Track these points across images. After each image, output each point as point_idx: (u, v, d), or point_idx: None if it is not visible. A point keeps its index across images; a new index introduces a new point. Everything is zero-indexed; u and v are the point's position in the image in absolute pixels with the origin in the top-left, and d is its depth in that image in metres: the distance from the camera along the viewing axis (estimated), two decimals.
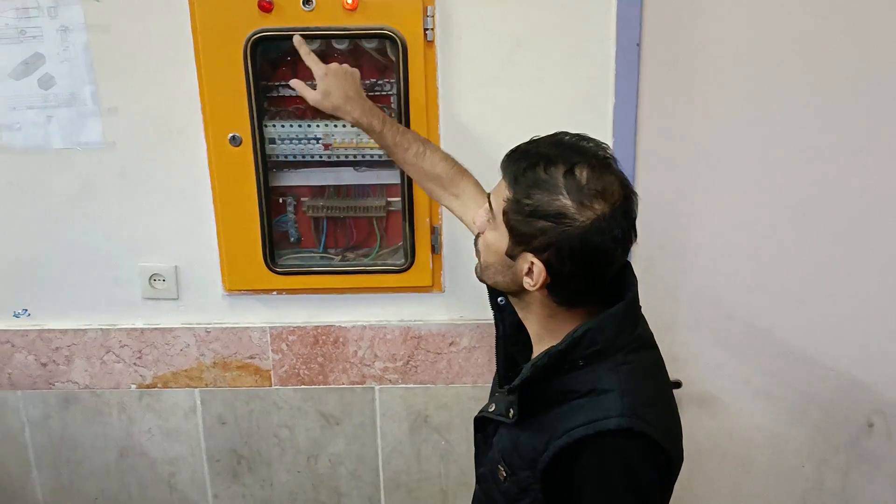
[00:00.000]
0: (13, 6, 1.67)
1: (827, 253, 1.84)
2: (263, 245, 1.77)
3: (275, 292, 1.84)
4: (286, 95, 1.73)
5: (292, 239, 1.84)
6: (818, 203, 1.81)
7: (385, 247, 1.84)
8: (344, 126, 1.73)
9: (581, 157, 1.07)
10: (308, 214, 1.82)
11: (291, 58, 1.62)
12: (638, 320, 1.19)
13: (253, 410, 1.93)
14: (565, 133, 1.13)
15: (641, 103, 1.71)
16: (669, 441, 1.12)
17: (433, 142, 1.69)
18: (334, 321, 1.87)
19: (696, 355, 1.92)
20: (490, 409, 1.24)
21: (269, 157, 1.74)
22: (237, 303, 1.87)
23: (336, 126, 1.73)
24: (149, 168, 1.77)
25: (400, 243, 1.82)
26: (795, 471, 2.01)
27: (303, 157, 1.76)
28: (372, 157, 1.76)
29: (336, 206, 1.80)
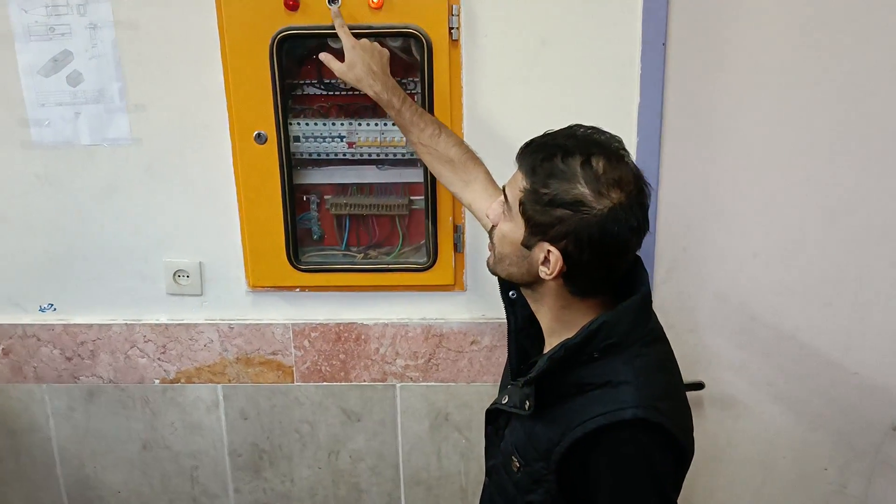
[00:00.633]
0: (43, 3, 1.69)
1: (854, 255, 1.82)
2: (287, 242, 1.78)
3: (298, 289, 1.85)
4: (311, 94, 1.74)
5: (315, 236, 1.85)
6: (846, 205, 1.79)
7: (407, 245, 1.85)
8: (367, 124, 1.74)
9: (597, 149, 1.10)
10: (331, 212, 1.83)
11: (317, 56, 1.62)
12: (651, 314, 1.20)
13: (275, 406, 1.95)
14: (579, 126, 1.15)
15: (666, 103, 1.70)
16: (683, 433, 1.14)
17: None
18: (356, 318, 1.88)
19: (719, 357, 1.91)
20: (503, 402, 1.25)
21: (294, 155, 1.75)
22: (260, 299, 1.88)
23: (360, 124, 1.74)
24: (175, 164, 1.78)
25: (422, 242, 1.82)
26: (818, 475, 2.00)
27: (326, 155, 1.77)
28: (395, 156, 1.76)
29: (359, 204, 1.81)
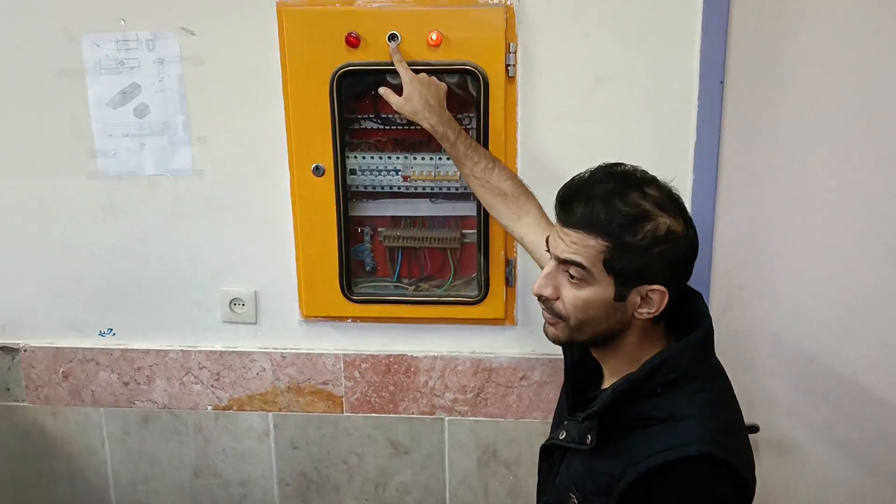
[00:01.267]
0: (114, 38, 1.76)
1: None
2: (340, 273, 1.81)
3: (349, 320, 1.87)
4: (368, 128, 1.77)
5: (368, 268, 1.88)
6: None
7: (459, 278, 1.86)
8: (422, 158, 1.76)
9: (639, 179, 1.12)
10: (384, 244, 1.85)
11: (375, 91, 1.66)
12: (713, 349, 1.20)
13: (324, 436, 1.96)
14: (599, 167, 1.15)
15: (723, 142, 1.70)
16: (746, 468, 1.12)
17: None
18: (406, 350, 1.89)
19: (774, 399, 1.87)
20: (560, 437, 1.24)
21: (350, 188, 1.78)
22: (313, 329, 1.90)
23: (415, 158, 1.76)
24: (234, 195, 1.83)
25: (474, 275, 1.83)
26: None
27: (381, 188, 1.79)
28: (448, 190, 1.78)
29: (412, 237, 1.83)
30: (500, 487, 1.96)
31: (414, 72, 1.58)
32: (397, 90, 1.58)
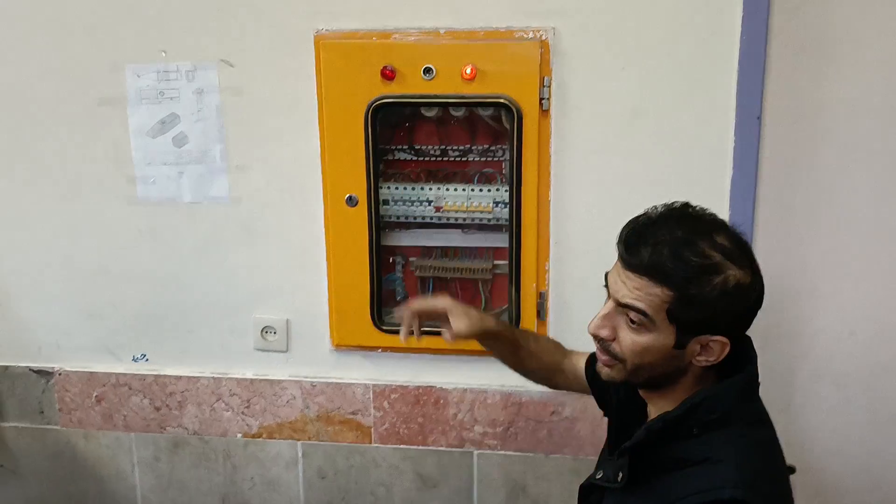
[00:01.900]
0: (155, 69, 1.80)
1: None
2: (371, 303, 1.81)
3: (380, 349, 1.86)
4: (402, 159, 1.78)
5: (399, 297, 1.88)
6: None
7: (490, 309, 1.85)
8: (454, 189, 1.77)
9: (705, 226, 1.07)
10: (416, 274, 1.85)
11: (410, 123, 1.67)
12: (756, 395, 1.16)
13: (352, 466, 1.95)
14: (669, 210, 1.10)
15: (761, 176, 1.68)
16: None
17: (543, 212, 1.71)
18: (436, 382, 1.88)
19: (813, 440, 1.82)
20: (597, 476, 1.22)
21: (382, 217, 1.79)
22: (343, 358, 1.90)
23: (447, 189, 1.77)
24: (269, 224, 1.84)
25: (505, 307, 1.82)
26: None
27: (414, 218, 1.80)
28: (480, 221, 1.78)
29: (443, 267, 1.83)
30: None
31: (446, 105, 1.59)
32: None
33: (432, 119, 1.73)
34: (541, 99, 1.65)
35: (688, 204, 1.11)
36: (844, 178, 1.69)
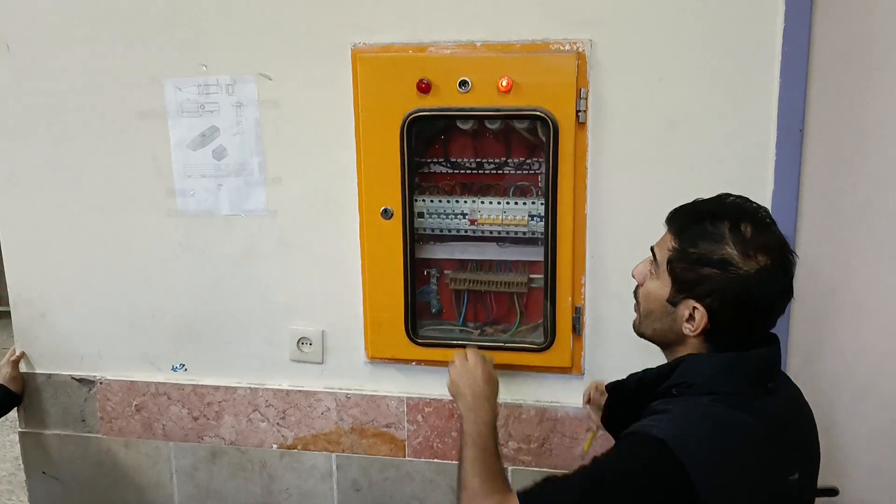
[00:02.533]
0: (195, 83, 1.83)
1: None
2: (406, 315, 1.80)
3: (414, 362, 1.86)
4: (437, 172, 1.78)
5: (434, 310, 1.87)
6: None
7: (525, 324, 1.83)
8: (490, 203, 1.76)
9: (745, 215, 1.16)
10: (450, 287, 1.85)
11: (445, 136, 1.67)
12: (754, 383, 1.17)
13: (387, 479, 1.94)
14: (728, 195, 1.22)
15: (802, 190, 1.64)
16: (703, 482, 1.07)
17: (579, 225, 1.70)
18: None
19: (857, 460, 1.77)
20: None
21: (417, 230, 1.79)
22: (377, 371, 1.90)
23: (483, 202, 1.76)
24: (305, 236, 1.86)
25: (540, 321, 1.80)
26: None
27: (449, 231, 1.80)
28: (516, 234, 1.77)
29: (478, 280, 1.82)
30: None
31: (482, 118, 1.60)
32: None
33: (468, 132, 1.73)
34: (577, 111, 1.64)
35: (746, 198, 1.21)
36: (891, 193, 1.65)
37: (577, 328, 1.76)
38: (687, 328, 1.18)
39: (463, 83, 1.64)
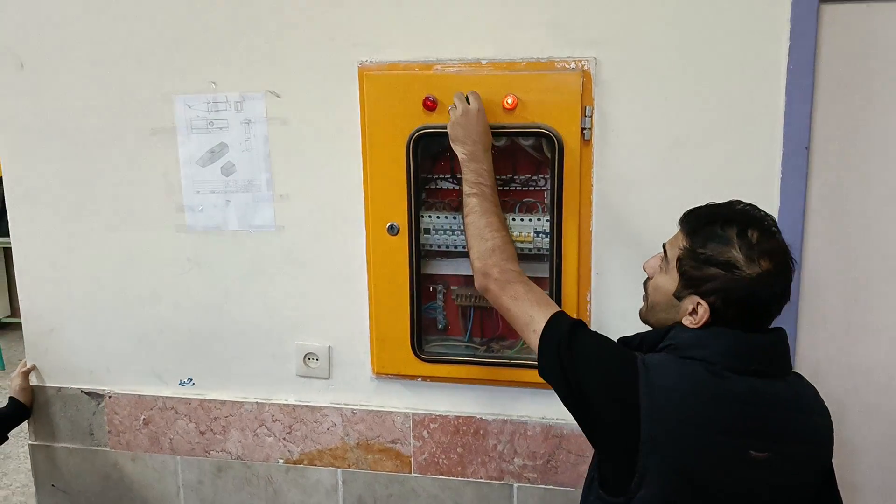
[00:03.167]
0: (205, 100, 1.85)
1: None
2: (412, 331, 1.81)
3: (419, 378, 1.86)
4: (443, 188, 1.79)
5: (440, 326, 1.87)
6: None
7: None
8: None
9: (753, 222, 1.24)
10: (456, 303, 1.85)
11: (451, 152, 1.67)
12: (733, 360, 1.22)
13: (392, 495, 1.94)
14: (738, 201, 1.30)
15: (809, 210, 1.64)
16: (650, 401, 1.19)
17: (585, 242, 1.70)
18: (475, 412, 1.87)
19: (866, 478, 1.75)
20: None
21: (423, 246, 1.79)
22: (383, 386, 1.90)
23: None
24: (312, 252, 1.87)
25: None
26: None
27: (455, 247, 1.80)
28: (521, 250, 1.77)
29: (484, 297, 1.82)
30: None
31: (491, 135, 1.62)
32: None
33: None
34: (582, 129, 1.65)
35: (755, 206, 1.29)
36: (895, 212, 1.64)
37: None
38: (689, 320, 1.26)
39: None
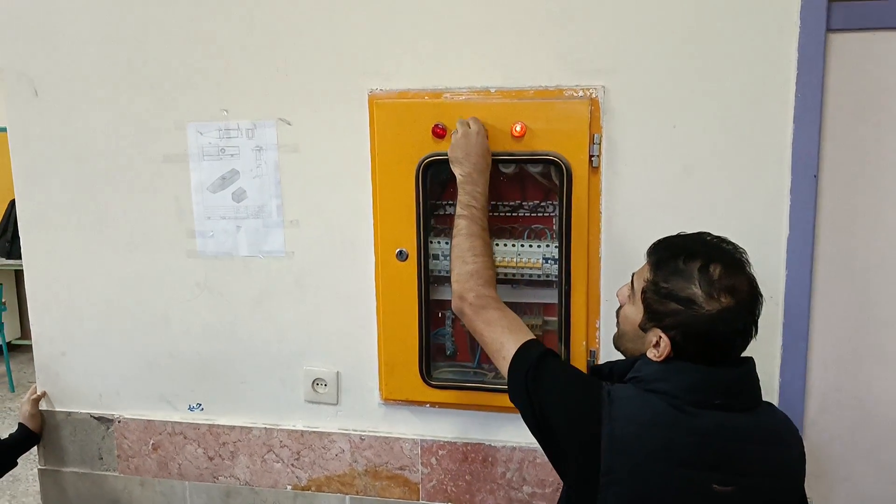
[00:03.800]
0: (217, 127, 1.87)
1: None
2: (420, 357, 1.81)
3: (428, 405, 1.86)
4: (452, 214, 1.79)
5: (448, 352, 1.87)
6: None
7: None
8: (504, 245, 1.77)
9: (719, 256, 1.24)
10: (465, 329, 1.84)
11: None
12: (695, 395, 1.23)
13: None
14: (708, 234, 1.30)
15: (819, 237, 1.63)
16: (610, 429, 1.21)
17: (593, 268, 1.70)
18: (484, 439, 1.86)
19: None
20: None
21: (432, 272, 1.80)
22: (391, 412, 1.90)
23: (497, 245, 1.77)
24: (322, 277, 1.88)
25: None
26: None
27: None
28: (530, 276, 1.78)
29: None
30: None
31: (496, 161, 1.63)
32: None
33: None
34: (590, 156, 1.65)
35: (725, 239, 1.29)
36: None
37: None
38: (653, 353, 1.27)
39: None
